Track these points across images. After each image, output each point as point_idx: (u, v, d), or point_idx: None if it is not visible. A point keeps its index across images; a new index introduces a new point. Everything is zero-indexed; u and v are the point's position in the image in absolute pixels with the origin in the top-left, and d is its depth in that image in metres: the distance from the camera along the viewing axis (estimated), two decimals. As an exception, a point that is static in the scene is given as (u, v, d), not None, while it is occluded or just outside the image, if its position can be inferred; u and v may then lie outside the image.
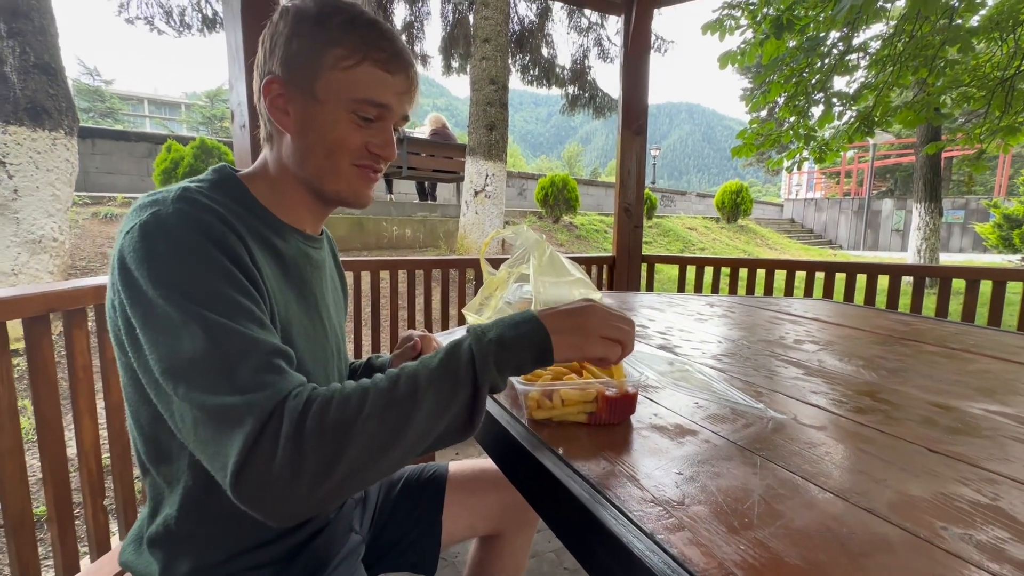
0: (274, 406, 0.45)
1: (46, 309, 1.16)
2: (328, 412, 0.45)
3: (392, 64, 0.61)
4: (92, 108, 25.75)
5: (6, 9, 3.02)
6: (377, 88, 0.61)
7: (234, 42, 1.84)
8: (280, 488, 0.43)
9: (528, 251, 0.93)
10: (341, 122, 0.61)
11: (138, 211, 0.53)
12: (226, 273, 0.50)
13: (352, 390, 0.48)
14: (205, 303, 0.48)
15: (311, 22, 0.60)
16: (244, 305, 0.50)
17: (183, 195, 0.54)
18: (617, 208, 2.91)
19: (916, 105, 4.08)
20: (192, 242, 0.50)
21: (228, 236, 0.53)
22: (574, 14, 8.03)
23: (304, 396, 0.47)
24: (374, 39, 0.60)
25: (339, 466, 0.44)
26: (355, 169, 0.64)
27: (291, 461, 0.43)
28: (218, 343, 0.46)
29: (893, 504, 0.44)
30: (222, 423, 0.44)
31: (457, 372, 0.50)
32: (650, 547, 0.38)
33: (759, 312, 1.44)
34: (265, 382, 0.46)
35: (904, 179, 19.45)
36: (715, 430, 0.60)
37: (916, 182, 7.70)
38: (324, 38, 0.59)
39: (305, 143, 0.62)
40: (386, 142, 0.64)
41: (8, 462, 1.09)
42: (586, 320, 0.55)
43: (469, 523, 0.95)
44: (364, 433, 0.45)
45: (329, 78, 0.60)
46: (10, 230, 3.11)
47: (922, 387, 0.78)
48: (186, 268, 0.49)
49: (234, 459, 0.43)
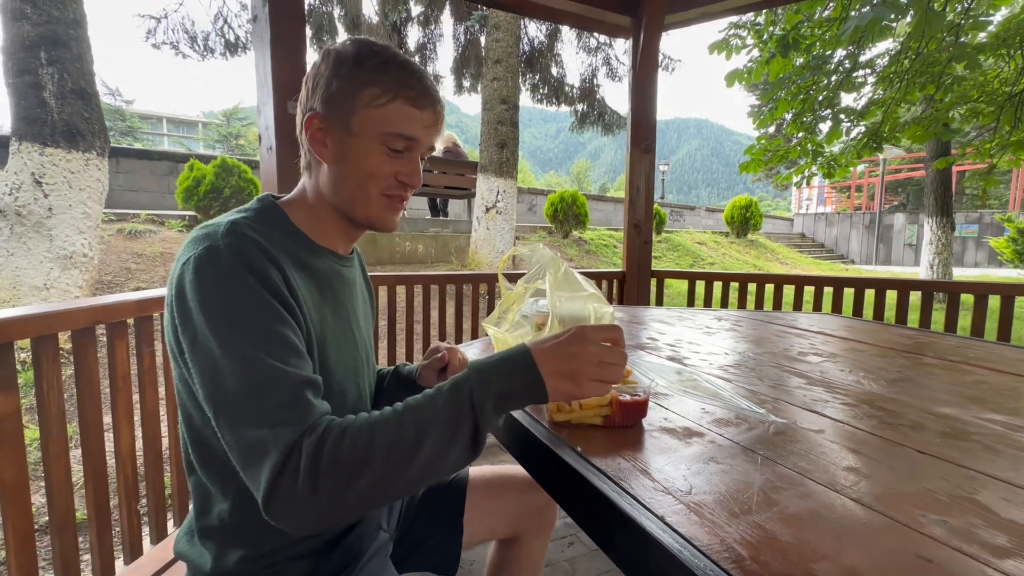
0: (295, 439, 0.52)
1: (92, 321, 1.24)
2: (340, 449, 0.51)
3: (420, 101, 0.68)
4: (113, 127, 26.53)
5: (47, 39, 3.21)
6: (406, 123, 0.68)
7: (263, 69, 1.95)
8: (302, 512, 0.51)
9: (544, 267, 1.00)
10: (372, 153, 0.68)
11: (193, 244, 0.61)
12: (265, 305, 0.58)
13: (363, 425, 0.53)
14: (244, 335, 0.55)
15: (350, 64, 0.68)
16: (279, 334, 0.57)
17: (232, 229, 0.61)
18: (627, 224, 2.98)
19: (925, 121, 4.12)
20: (237, 277, 0.57)
21: (268, 268, 0.60)
22: (583, 35, 8.22)
23: (319, 431, 0.53)
24: (405, 79, 0.67)
25: (350, 495, 0.51)
26: (384, 198, 0.71)
27: (310, 490, 0.50)
28: (251, 377, 0.53)
29: (879, 496, 0.49)
30: (252, 454, 0.52)
31: (459, 420, 0.54)
32: (661, 527, 0.43)
33: (766, 326, 1.49)
34: (290, 417, 0.53)
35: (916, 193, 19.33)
36: (720, 432, 0.65)
37: (927, 196, 7.68)
38: (360, 78, 0.67)
39: (340, 172, 0.70)
40: (413, 171, 0.71)
41: (55, 465, 1.16)
42: (580, 367, 0.56)
43: (489, 526, 1.00)
44: (372, 469, 0.51)
45: (364, 114, 0.67)
46: (44, 246, 3.25)
47: (918, 396, 0.83)
48: (229, 302, 0.56)
49: (264, 487, 0.51)
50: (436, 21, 8.33)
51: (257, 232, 0.63)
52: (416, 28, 8.32)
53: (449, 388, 0.56)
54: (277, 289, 0.60)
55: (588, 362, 0.56)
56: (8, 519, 1.05)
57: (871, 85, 4.74)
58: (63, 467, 1.18)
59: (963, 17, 3.61)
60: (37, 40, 3.20)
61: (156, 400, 1.43)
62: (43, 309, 1.14)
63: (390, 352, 2.41)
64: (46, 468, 1.15)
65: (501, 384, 0.55)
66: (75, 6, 3.38)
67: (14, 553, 1.06)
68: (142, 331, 1.40)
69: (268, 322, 0.57)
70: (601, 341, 0.58)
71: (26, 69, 3.20)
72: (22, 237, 3.22)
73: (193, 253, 0.59)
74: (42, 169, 3.23)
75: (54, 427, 1.16)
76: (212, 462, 0.65)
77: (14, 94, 3.23)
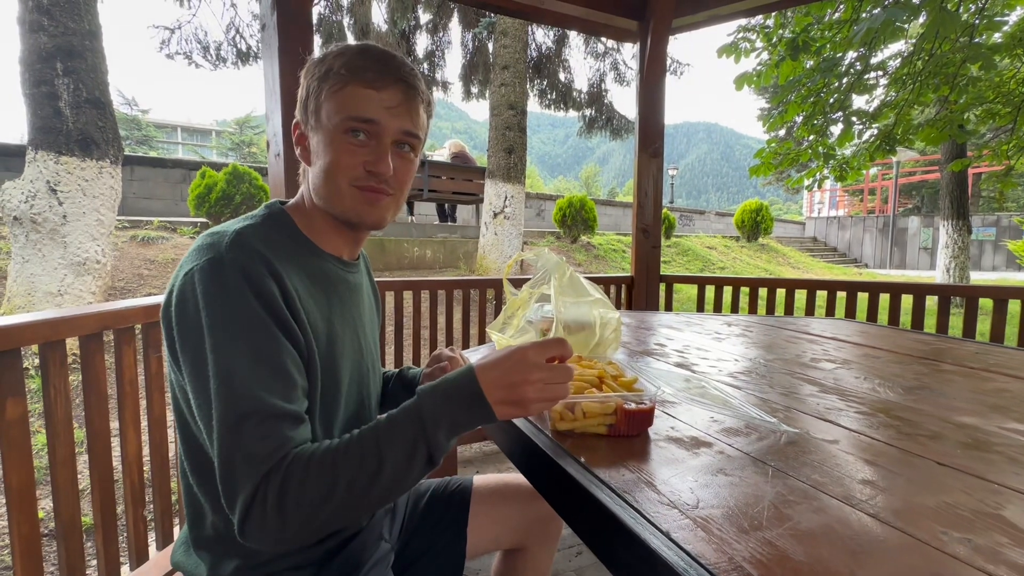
0: (264, 474, 0.53)
1: (100, 327, 1.25)
2: (305, 485, 0.53)
3: (379, 82, 0.64)
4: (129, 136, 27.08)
5: (63, 50, 3.27)
6: (363, 105, 0.64)
7: (271, 77, 1.97)
8: (273, 538, 0.53)
9: (549, 272, 0.99)
10: (335, 143, 0.65)
11: (198, 253, 0.60)
12: (263, 328, 0.57)
13: (325, 459, 0.54)
14: (237, 362, 0.55)
15: (315, 63, 0.68)
16: (272, 361, 0.57)
17: (236, 241, 0.60)
18: (635, 229, 2.95)
19: (939, 122, 4.05)
20: (238, 296, 0.57)
21: (270, 284, 0.59)
22: (590, 40, 8.23)
23: (285, 467, 0.53)
24: (361, 61, 0.65)
25: (315, 523, 0.54)
26: (354, 190, 0.67)
27: (278, 523, 0.52)
28: (237, 405, 0.54)
29: (897, 511, 0.47)
30: (229, 480, 0.54)
31: (415, 449, 0.56)
32: (666, 543, 0.41)
33: (777, 331, 1.46)
34: (264, 451, 0.53)
35: (931, 196, 19.03)
36: (729, 442, 0.63)
37: (942, 199, 7.56)
38: (321, 72, 0.66)
39: (315, 171, 0.69)
40: (379, 158, 0.66)
41: (62, 470, 1.16)
42: (524, 393, 0.57)
43: (493, 536, 0.98)
44: (335, 501, 0.53)
45: (326, 106, 0.66)
46: (58, 253, 3.30)
47: (937, 405, 0.80)
48: (229, 323, 0.56)
49: (237, 516, 0.53)
50: (444, 28, 8.40)
51: (263, 241, 0.62)
52: (425, 36, 8.39)
53: (404, 420, 0.57)
54: (278, 309, 0.59)
55: (532, 387, 0.57)
56: (15, 524, 1.05)
57: (883, 87, 4.68)
58: (70, 472, 1.18)
59: (977, 17, 3.55)
60: (53, 51, 3.27)
61: (163, 406, 1.44)
62: (51, 315, 1.14)
63: (397, 357, 2.40)
64: (53, 473, 1.15)
65: (451, 415, 0.57)
66: (91, 17, 3.44)
67: (20, 558, 1.06)
68: (149, 337, 1.40)
69: (263, 347, 0.57)
70: (545, 361, 0.58)
71: (42, 80, 3.26)
72: (37, 244, 3.27)
73: (197, 264, 0.58)
74: (57, 177, 3.28)
75: (61, 432, 1.16)
76: (204, 472, 0.65)
77: (31, 104, 3.29)
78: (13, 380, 1.06)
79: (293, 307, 0.61)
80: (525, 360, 0.57)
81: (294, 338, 0.60)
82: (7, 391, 1.04)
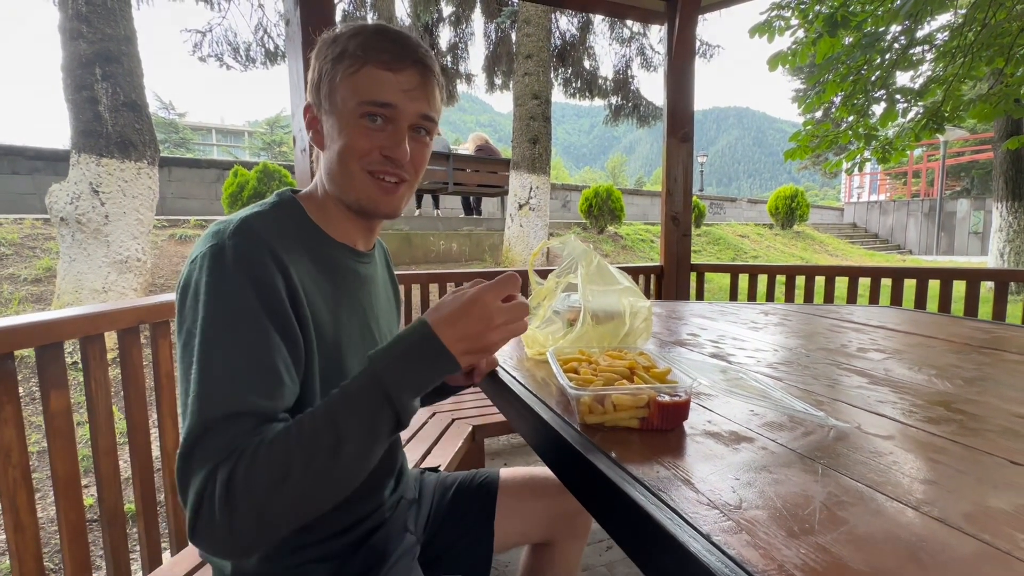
0: (215, 464, 0.50)
1: (137, 321, 1.28)
2: (254, 470, 0.49)
3: (395, 64, 0.63)
4: (168, 139, 28.15)
5: (101, 55, 3.40)
6: (379, 88, 0.62)
7: (296, 72, 1.98)
8: (221, 537, 0.49)
9: (576, 260, 0.95)
10: (350, 127, 0.64)
11: (203, 241, 0.59)
12: (255, 319, 0.55)
13: (275, 442, 0.51)
14: (223, 347, 0.54)
15: (328, 43, 0.66)
16: (258, 347, 0.55)
17: (240, 228, 0.59)
18: (664, 217, 2.87)
19: (993, 97, 3.79)
20: (235, 285, 0.56)
21: (270, 274, 0.57)
22: (615, 25, 8.04)
23: (234, 457, 0.50)
24: (376, 43, 0.63)
25: (270, 515, 0.50)
26: (368, 176, 0.66)
27: (225, 515, 0.48)
28: (210, 398, 0.52)
29: (968, 515, 0.42)
30: (183, 474, 0.51)
31: (378, 415, 0.53)
32: (707, 548, 0.38)
33: (818, 320, 1.38)
34: (222, 444, 0.51)
35: (981, 177, 17.92)
36: (772, 437, 0.59)
37: (996, 180, 7.10)
38: (335, 54, 0.64)
39: (329, 156, 0.67)
40: (396, 143, 0.64)
41: (104, 460, 1.20)
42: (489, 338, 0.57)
43: (521, 530, 0.97)
44: (289, 485, 0.50)
45: (341, 89, 0.64)
46: (101, 252, 3.45)
47: (1004, 397, 0.73)
48: (220, 308, 0.55)
49: (188, 514, 0.50)
50: (467, 20, 8.36)
51: (269, 229, 0.61)
52: (448, 28, 8.38)
53: (360, 388, 0.54)
54: (275, 301, 0.57)
55: (496, 332, 0.57)
56: (62, 512, 1.10)
57: (930, 62, 4.40)
58: (112, 462, 1.22)
59: (1038, -19, 3.29)
60: (92, 57, 3.39)
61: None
62: (89, 310, 1.18)
63: (424, 350, 2.41)
64: (96, 463, 1.20)
65: (415, 374, 0.55)
66: (126, 23, 3.56)
67: (68, 544, 1.10)
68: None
69: (252, 342, 0.55)
70: (497, 296, 0.58)
71: (83, 85, 3.39)
72: (82, 244, 3.42)
73: (200, 252, 0.58)
74: (99, 179, 3.42)
75: (103, 424, 1.20)
76: None
77: (73, 109, 3.43)
78: (56, 373, 1.09)
79: (295, 297, 0.60)
80: (486, 308, 0.57)
81: (289, 332, 0.59)
82: (51, 384, 1.08)
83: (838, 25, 3.76)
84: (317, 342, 0.63)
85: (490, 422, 1.84)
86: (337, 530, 0.71)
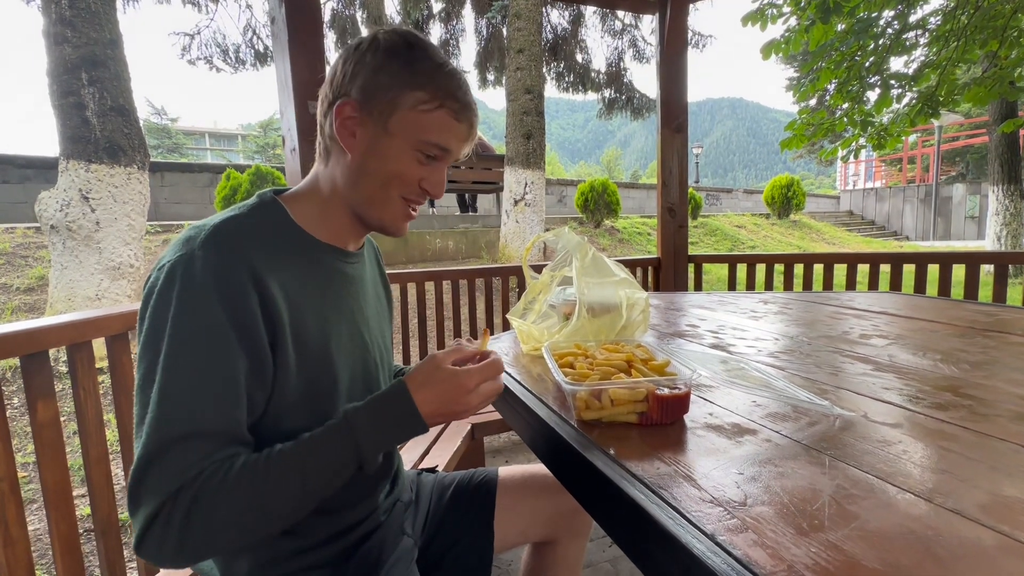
0: (175, 490, 0.50)
1: (124, 327, 1.26)
2: (216, 506, 0.50)
3: (462, 114, 0.66)
4: (160, 144, 27.98)
5: (87, 60, 3.35)
6: (445, 133, 0.66)
7: (283, 72, 1.95)
8: (169, 556, 0.51)
9: (570, 253, 0.93)
10: (405, 157, 0.65)
11: (174, 248, 0.57)
12: (219, 333, 0.54)
13: (241, 478, 0.52)
14: (185, 363, 0.52)
15: (401, 61, 0.63)
16: (222, 365, 0.54)
17: (212, 237, 0.57)
18: (660, 208, 2.85)
19: (987, 81, 3.76)
20: (198, 297, 0.54)
21: (239, 286, 0.56)
22: (607, 18, 7.99)
23: (197, 485, 0.50)
24: (453, 90, 0.65)
25: (220, 543, 0.52)
26: (402, 202, 0.68)
27: (177, 541, 0.50)
28: (169, 415, 0.51)
29: (984, 505, 0.40)
30: (136, 488, 0.50)
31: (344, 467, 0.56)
32: (711, 548, 0.36)
33: (819, 308, 1.37)
34: (180, 467, 0.50)
35: (976, 161, 17.91)
36: (776, 429, 0.57)
37: (991, 163, 7.09)
38: (409, 79, 0.63)
39: (364, 167, 0.65)
40: (439, 182, 0.69)
41: (96, 469, 1.18)
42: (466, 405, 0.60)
43: (521, 529, 0.95)
44: (245, 522, 0.52)
45: (405, 116, 0.64)
46: (93, 258, 3.41)
47: (1012, 381, 0.71)
48: (183, 323, 0.53)
49: (137, 528, 0.50)
50: (457, 16, 8.30)
51: (246, 235, 0.59)
52: (438, 25, 8.32)
53: (334, 441, 0.56)
54: (244, 315, 0.55)
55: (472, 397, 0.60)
56: (53, 523, 1.07)
57: (923, 47, 4.38)
58: (104, 471, 1.20)
59: (1031, -40, 3.26)
60: (78, 62, 3.35)
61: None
62: (75, 317, 1.15)
63: (421, 350, 2.39)
64: (88, 472, 1.17)
65: (385, 433, 0.59)
66: (111, 26, 3.51)
67: (60, 556, 1.08)
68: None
69: (216, 359, 0.54)
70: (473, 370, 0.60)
71: (70, 90, 3.35)
72: (74, 251, 3.38)
73: (169, 260, 0.56)
74: (88, 185, 3.38)
75: (93, 432, 1.17)
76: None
77: (60, 115, 3.39)
78: (43, 382, 1.07)
79: (269, 310, 0.58)
80: (460, 387, 0.60)
81: (257, 351, 0.56)
82: (37, 393, 1.06)
83: (831, 11, 3.73)
84: (299, 352, 0.61)
85: (489, 420, 1.82)
86: (331, 536, 0.69)
